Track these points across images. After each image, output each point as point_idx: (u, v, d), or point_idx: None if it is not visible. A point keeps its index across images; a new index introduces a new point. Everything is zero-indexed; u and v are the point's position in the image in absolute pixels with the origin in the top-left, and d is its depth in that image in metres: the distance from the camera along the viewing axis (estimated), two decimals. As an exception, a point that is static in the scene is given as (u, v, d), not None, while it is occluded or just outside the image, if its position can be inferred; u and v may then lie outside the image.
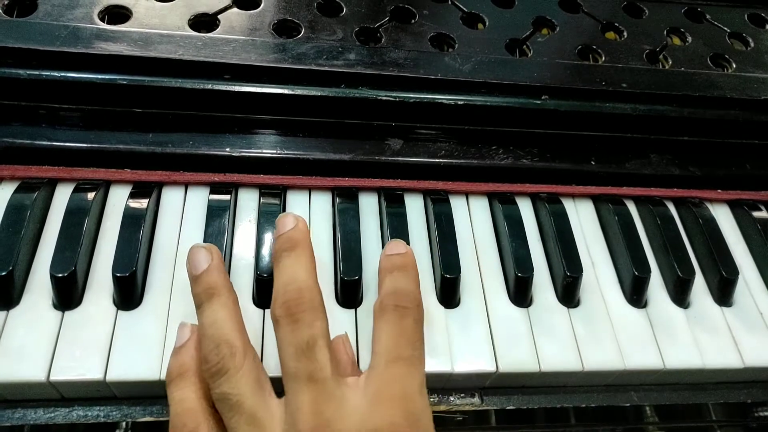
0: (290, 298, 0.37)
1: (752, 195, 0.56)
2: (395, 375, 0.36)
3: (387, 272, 0.41)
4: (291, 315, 0.36)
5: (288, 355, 0.36)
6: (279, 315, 0.37)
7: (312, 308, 0.37)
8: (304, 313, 0.37)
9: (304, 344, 0.36)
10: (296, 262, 0.39)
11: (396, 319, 0.38)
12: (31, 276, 0.42)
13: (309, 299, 0.37)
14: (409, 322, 0.38)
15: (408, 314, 0.38)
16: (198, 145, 0.47)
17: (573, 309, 0.47)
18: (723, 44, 0.59)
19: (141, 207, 0.45)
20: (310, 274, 0.39)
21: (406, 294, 0.39)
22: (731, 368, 0.46)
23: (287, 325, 0.36)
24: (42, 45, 0.45)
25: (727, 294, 0.49)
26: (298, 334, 0.36)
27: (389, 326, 0.38)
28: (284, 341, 0.36)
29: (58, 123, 0.46)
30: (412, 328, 0.38)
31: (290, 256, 0.39)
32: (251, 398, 0.35)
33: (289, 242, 0.40)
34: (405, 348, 0.37)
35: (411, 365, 0.37)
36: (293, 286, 0.38)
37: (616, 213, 0.51)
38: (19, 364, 0.38)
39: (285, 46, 0.49)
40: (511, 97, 0.51)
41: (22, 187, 0.45)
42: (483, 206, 0.51)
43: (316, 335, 0.36)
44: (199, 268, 0.39)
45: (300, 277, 0.38)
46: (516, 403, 0.45)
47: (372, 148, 0.49)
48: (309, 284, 0.38)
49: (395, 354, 0.37)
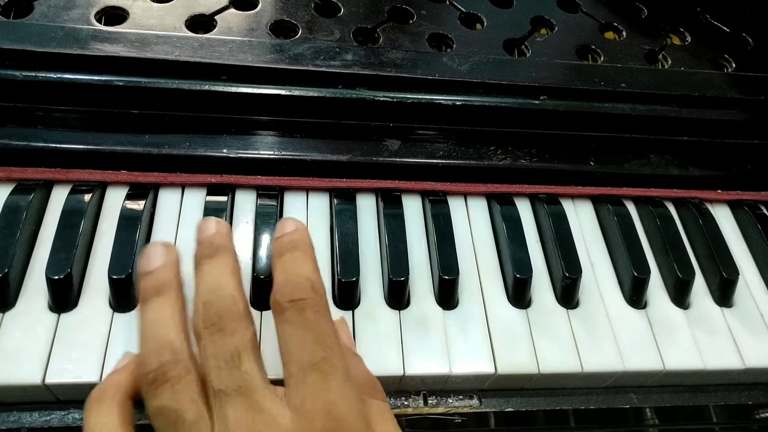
0: (212, 309, 0.34)
1: (753, 195, 0.55)
2: (312, 388, 0.33)
3: (276, 257, 0.38)
4: (213, 325, 0.34)
5: (213, 368, 0.33)
6: (201, 327, 0.34)
7: (235, 316, 0.34)
8: (228, 323, 0.34)
9: (228, 355, 0.33)
10: (218, 269, 0.36)
11: (295, 318, 0.34)
12: (26, 278, 0.42)
13: (232, 306, 0.35)
14: (310, 315, 0.34)
15: (306, 307, 0.35)
16: (195, 146, 0.47)
17: (572, 310, 0.46)
18: (722, 43, 0.59)
19: (137, 208, 0.44)
20: (232, 279, 0.36)
21: (298, 283, 0.36)
22: (732, 370, 0.46)
23: (211, 336, 0.34)
24: (38, 46, 0.44)
25: (728, 295, 0.49)
26: (222, 345, 0.33)
27: (290, 328, 0.35)
28: (208, 354, 0.33)
29: (54, 124, 0.46)
30: (314, 322, 0.34)
31: (211, 262, 0.37)
32: (193, 414, 0.32)
33: (210, 247, 0.38)
34: (313, 351, 0.34)
35: (325, 367, 0.33)
36: (215, 294, 0.35)
37: (615, 214, 0.51)
38: (15, 366, 0.38)
39: (282, 46, 0.49)
40: (509, 97, 0.50)
41: (17, 188, 0.44)
42: (481, 207, 0.51)
43: (240, 345, 0.33)
44: (152, 264, 0.36)
45: (222, 284, 0.36)
46: (515, 405, 0.45)
47: (370, 149, 0.49)
48: (231, 291, 0.35)
49: (305, 362, 0.33)
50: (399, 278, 0.44)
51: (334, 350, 0.34)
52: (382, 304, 0.44)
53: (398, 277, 0.44)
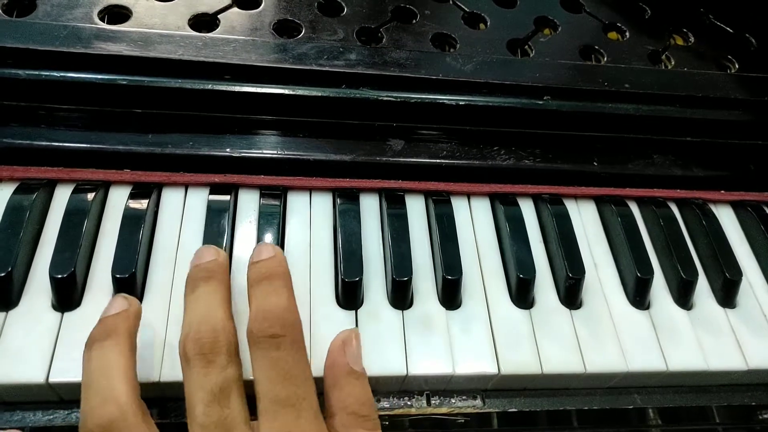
0: (205, 338, 0.35)
1: (756, 196, 0.55)
2: (281, 423, 0.34)
3: (252, 286, 0.38)
4: (204, 356, 0.34)
5: (197, 400, 0.34)
6: (191, 354, 0.34)
7: (227, 351, 0.35)
8: (219, 356, 0.34)
9: (217, 389, 0.33)
10: (212, 296, 0.37)
11: (269, 353, 0.35)
12: (30, 277, 0.42)
13: (225, 341, 0.35)
14: (284, 352, 0.35)
15: (281, 343, 0.35)
16: (198, 145, 0.47)
17: (575, 310, 0.46)
18: (725, 44, 0.59)
19: (141, 208, 0.44)
20: (226, 313, 0.37)
21: (274, 316, 0.36)
22: (735, 370, 0.46)
23: (200, 367, 0.34)
24: (41, 45, 0.44)
25: (731, 296, 0.49)
26: (211, 379, 0.34)
27: (264, 363, 0.35)
28: (194, 384, 0.34)
29: (57, 123, 0.46)
30: (288, 358, 0.35)
31: (207, 288, 0.37)
32: None
33: (206, 272, 0.38)
34: (287, 387, 0.35)
35: (298, 404, 0.35)
36: (209, 324, 0.35)
37: (618, 214, 0.51)
38: (18, 365, 0.38)
39: (286, 46, 0.49)
40: (512, 97, 0.50)
41: (21, 188, 0.44)
42: (485, 207, 0.51)
43: (230, 381, 0.34)
44: (109, 311, 0.37)
45: (217, 315, 0.36)
46: (518, 405, 0.45)
47: (373, 149, 0.49)
48: (225, 324, 0.36)
49: (278, 398, 0.34)
50: (402, 278, 0.44)
51: (307, 387, 0.35)
52: (386, 304, 0.44)
53: (401, 277, 0.44)
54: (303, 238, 0.46)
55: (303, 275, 0.44)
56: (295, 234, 0.46)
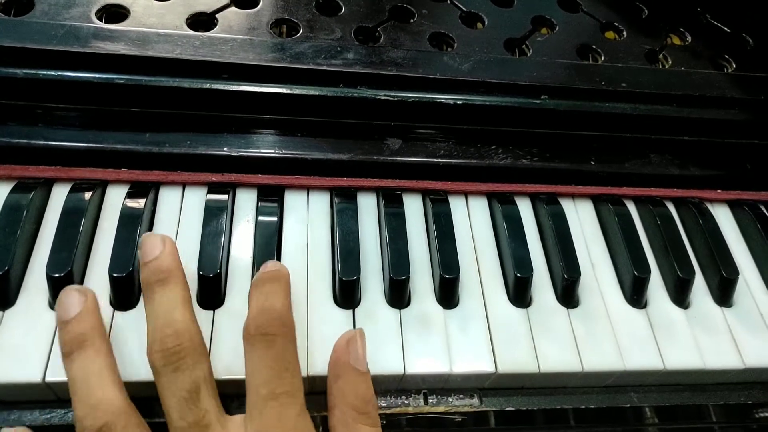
0: (168, 344, 0.35)
1: (753, 195, 0.55)
2: (271, 415, 0.35)
3: (254, 287, 0.39)
4: (171, 363, 0.35)
5: (171, 406, 0.34)
6: (158, 364, 0.35)
7: (192, 351, 0.35)
8: (185, 359, 0.35)
9: (186, 393, 0.34)
10: (169, 300, 0.37)
11: (263, 349, 0.36)
12: (27, 276, 0.42)
13: (188, 342, 0.35)
14: (277, 349, 0.36)
15: (275, 342, 0.36)
16: (196, 144, 0.47)
17: (572, 309, 0.46)
18: (722, 44, 0.59)
19: (138, 207, 0.44)
20: (185, 312, 0.37)
21: (271, 316, 0.37)
22: (732, 369, 0.46)
23: (168, 374, 0.35)
24: (39, 44, 0.44)
25: (728, 294, 0.49)
26: (180, 383, 0.35)
27: (257, 359, 0.36)
28: (166, 391, 0.35)
29: (55, 122, 0.46)
30: (280, 356, 0.36)
31: (162, 292, 0.37)
32: None
33: (159, 273, 0.37)
34: (276, 383, 0.36)
35: (285, 398, 0.36)
36: (170, 329, 0.36)
37: (615, 213, 0.51)
38: (15, 364, 0.38)
39: (283, 45, 0.49)
40: (510, 96, 0.50)
41: (18, 186, 0.44)
42: (482, 206, 0.51)
43: (198, 381, 0.35)
44: (70, 313, 0.36)
45: (176, 318, 0.36)
46: (515, 404, 0.45)
47: (371, 148, 0.49)
48: (185, 325, 0.36)
49: (267, 391, 0.35)
50: (400, 277, 0.44)
51: (294, 382, 0.36)
52: (383, 302, 0.44)
53: (399, 276, 0.44)
54: (300, 237, 0.46)
55: (300, 274, 0.44)
56: (293, 233, 0.46)
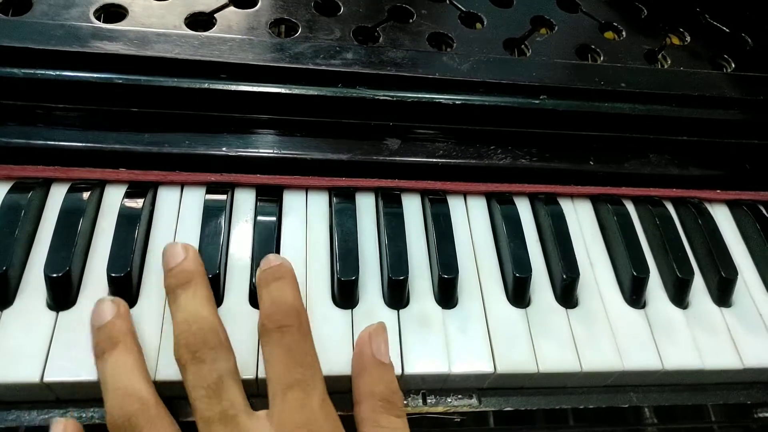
0: (192, 340, 0.36)
1: (752, 195, 0.55)
2: (293, 404, 0.36)
3: (262, 286, 0.40)
4: (195, 357, 0.36)
5: (197, 398, 0.35)
6: (184, 359, 0.36)
7: (216, 346, 0.37)
8: (209, 352, 0.36)
9: (212, 385, 0.35)
10: (193, 299, 0.38)
11: (279, 341, 0.37)
12: (25, 276, 0.41)
13: (212, 337, 0.37)
14: (293, 339, 0.37)
15: (290, 332, 0.37)
16: (194, 144, 0.47)
17: (572, 309, 0.46)
18: (721, 43, 0.59)
19: (137, 207, 0.44)
20: (209, 309, 0.38)
21: (283, 309, 0.38)
22: (731, 369, 0.46)
23: (192, 367, 0.36)
24: (38, 44, 0.44)
25: (727, 294, 0.49)
26: (205, 375, 0.36)
27: (275, 350, 0.37)
28: (192, 384, 0.36)
29: (53, 122, 0.46)
30: (297, 345, 0.37)
31: (186, 293, 0.38)
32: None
33: (184, 276, 0.39)
34: (295, 371, 0.37)
35: (306, 386, 0.36)
36: (195, 326, 0.37)
37: (614, 213, 0.51)
38: (13, 365, 0.38)
39: (282, 45, 0.49)
40: (509, 96, 0.50)
41: (17, 186, 0.44)
42: (481, 206, 0.51)
43: (222, 374, 0.36)
44: (103, 318, 0.38)
45: (200, 314, 0.38)
46: (514, 404, 0.45)
47: (369, 148, 0.49)
48: (210, 321, 0.38)
49: (288, 381, 0.36)
50: (398, 277, 0.44)
51: (314, 371, 0.37)
52: (382, 303, 0.44)
53: (398, 276, 0.44)
54: (299, 237, 0.46)
55: (299, 274, 0.44)
56: (292, 233, 0.46)
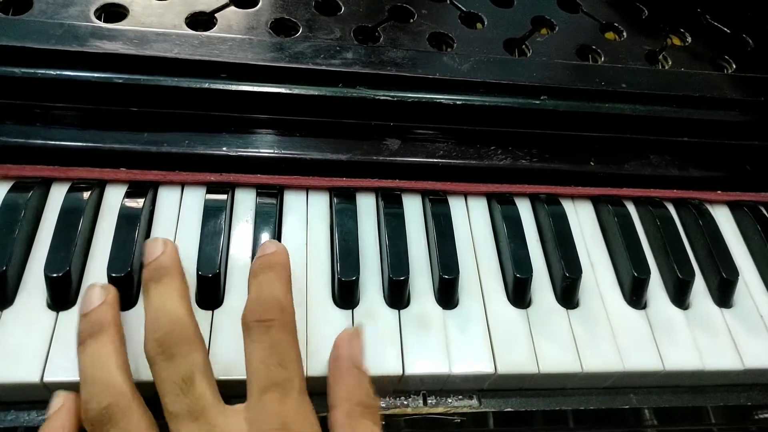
0: (161, 334, 0.36)
1: (752, 196, 0.55)
2: (270, 405, 0.35)
3: (252, 277, 0.39)
4: (164, 351, 0.35)
5: (166, 393, 0.35)
6: (153, 353, 0.35)
7: (185, 340, 0.36)
8: (178, 347, 0.35)
9: (180, 380, 0.34)
10: (165, 293, 0.38)
11: (260, 336, 0.36)
12: (25, 276, 0.41)
13: (182, 331, 0.36)
14: (275, 335, 0.36)
15: (272, 327, 0.36)
16: (194, 144, 0.47)
17: (572, 310, 0.46)
18: (722, 44, 0.59)
19: (137, 207, 0.44)
20: (180, 303, 0.37)
21: (268, 303, 0.37)
22: (731, 370, 0.46)
23: (162, 362, 0.35)
24: (37, 43, 0.44)
25: (727, 295, 0.49)
26: (175, 370, 0.35)
27: (255, 346, 0.36)
28: (161, 379, 0.35)
29: (53, 122, 0.46)
30: (278, 342, 0.36)
31: (158, 287, 0.38)
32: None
33: (157, 271, 0.39)
34: (274, 370, 0.36)
35: (283, 387, 0.35)
36: (163, 320, 0.36)
37: (615, 214, 0.51)
38: (13, 365, 0.38)
39: (282, 45, 0.49)
40: (509, 97, 0.50)
41: (16, 186, 0.44)
42: (482, 207, 0.51)
43: (192, 368, 0.35)
44: (89, 305, 0.37)
45: (169, 308, 0.37)
46: (514, 405, 0.45)
47: (370, 148, 0.49)
48: (180, 315, 0.37)
49: (266, 381, 0.35)
50: (399, 277, 0.44)
51: (294, 371, 0.36)
52: (382, 303, 0.44)
53: (398, 277, 0.44)
54: (299, 237, 0.46)
55: (299, 275, 0.44)
56: (292, 233, 0.46)
